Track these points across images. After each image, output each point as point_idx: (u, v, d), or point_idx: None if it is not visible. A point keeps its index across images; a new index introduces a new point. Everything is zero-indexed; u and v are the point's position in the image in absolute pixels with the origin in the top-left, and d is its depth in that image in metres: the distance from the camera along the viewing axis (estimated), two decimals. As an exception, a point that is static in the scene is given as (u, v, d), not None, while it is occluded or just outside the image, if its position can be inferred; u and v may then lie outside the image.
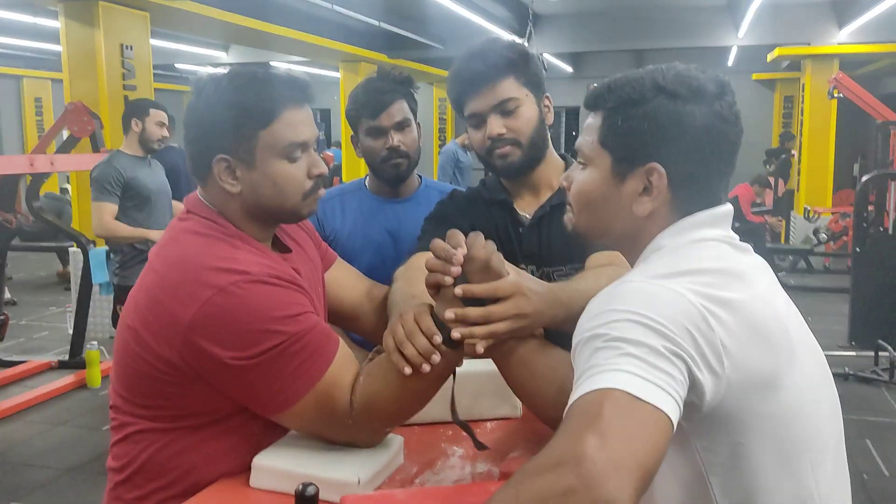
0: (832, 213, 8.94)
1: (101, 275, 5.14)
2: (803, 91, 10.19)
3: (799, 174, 10.10)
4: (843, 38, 9.82)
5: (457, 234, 1.16)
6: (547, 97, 1.65)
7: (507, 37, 10.14)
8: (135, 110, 4.15)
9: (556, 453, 0.74)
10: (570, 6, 9.94)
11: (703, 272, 0.93)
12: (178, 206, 3.54)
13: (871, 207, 5.86)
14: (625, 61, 13.15)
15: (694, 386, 0.85)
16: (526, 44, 5.37)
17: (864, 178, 5.92)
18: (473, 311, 1.12)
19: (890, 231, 5.77)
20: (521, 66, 1.59)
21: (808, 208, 8.94)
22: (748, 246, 1.04)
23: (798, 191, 10.13)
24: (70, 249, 6.35)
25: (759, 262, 1.05)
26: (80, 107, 5.08)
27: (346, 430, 1.19)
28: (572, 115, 15.43)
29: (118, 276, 4.22)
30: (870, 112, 7.35)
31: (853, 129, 11.81)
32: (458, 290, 1.12)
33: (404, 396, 1.18)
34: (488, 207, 1.70)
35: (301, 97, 1.23)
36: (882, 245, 5.53)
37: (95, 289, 5.19)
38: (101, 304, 6.01)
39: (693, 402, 0.87)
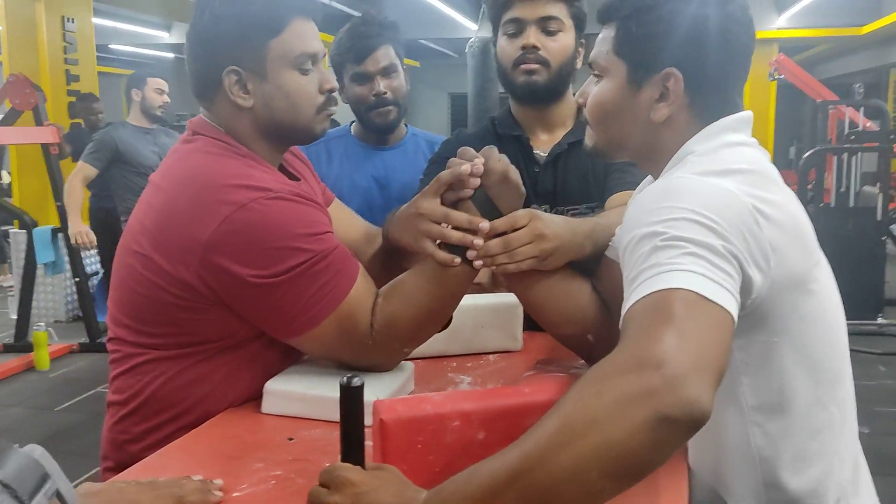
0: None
1: (46, 254, 4.96)
2: (744, 75, 10.45)
3: (740, 156, 10.37)
4: (783, 24, 10.13)
5: (469, 149, 1.16)
6: (583, 41, 1.64)
7: (462, 21, 10.02)
8: (133, 81, 4.29)
9: (634, 354, 0.72)
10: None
11: (745, 172, 0.93)
12: None
13: (808, 187, 6.10)
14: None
15: (745, 285, 0.85)
16: (478, 27, 5.42)
17: (807, 154, 6.12)
18: (494, 243, 1.13)
19: (832, 204, 5.99)
20: None
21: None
22: (767, 153, 1.05)
23: (739, 172, 10.42)
24: (10, 231, 6.08)
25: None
26: (22, 79, 4.86)
27: (365, 353, 1.17)
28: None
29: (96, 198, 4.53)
30: (808, 93, 7.59)
31: (789, 113, 12.20)
32: (484, 224, 1.12)
33: (424, 315, 1.17)
34: (501, 144, 1.67)
35: (308, 8, 1.20)
36: (825, 218, 5.73)
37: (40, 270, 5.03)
38: (47, 287, 5.79)
39: (740, 303, 0.86)
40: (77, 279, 4.96)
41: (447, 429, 0.91)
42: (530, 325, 1.47)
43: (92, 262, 5.64)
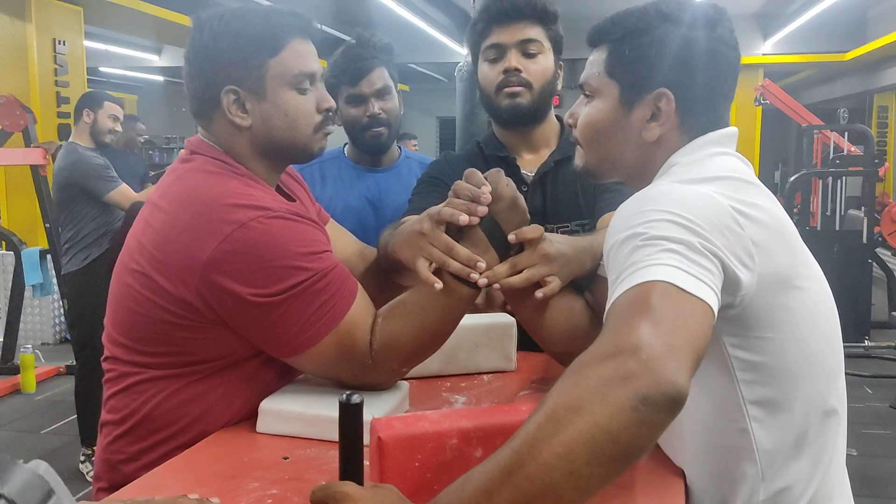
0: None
1: (34, 276, 4.93)
2: (729, 101, 10.59)
3: (726, 180, 10.48)
4: (768, 50, 10.29)
5: (476, 173, 1.17)
6: (561, 64, 1.67)
7: (451, 45, 10.12)
8: (88, 100, 3.91)
9: (611, 342, 0.75)
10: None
11: (725, 179, 0.97)
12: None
13: (794, 210, 6.18)
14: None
15: (730, 282, 0.88)
16: (467, 51, 5.51)
17: (792, 178, 6.21)
18: (501, 268, 1.15)
19: (818, 228, 6.06)
20: (552, 22, 1.63)
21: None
22: (750, 164, 1.08)
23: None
24: (-4, 252, 6.04)
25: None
26: (12, 100, 4.85)
27: (364, 372, 1.17)
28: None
29: (66, 262, 3.88)
30: (794, 117, 7.70)
31: (774, 138, 12.34)
32: (512, 236, 1.15)
33: (424, 335, 1.17)
34: (488, 165, 1.69)
35: (307, 28, 1.21)
36: (811, 241, 5.77)
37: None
38: (34, 309, 5.75)
39: (728, 301, 0.89)
40: (65, 301, 4.92)
41: (445, 446, 0.92)
42: (523, 345, 1.49)
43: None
